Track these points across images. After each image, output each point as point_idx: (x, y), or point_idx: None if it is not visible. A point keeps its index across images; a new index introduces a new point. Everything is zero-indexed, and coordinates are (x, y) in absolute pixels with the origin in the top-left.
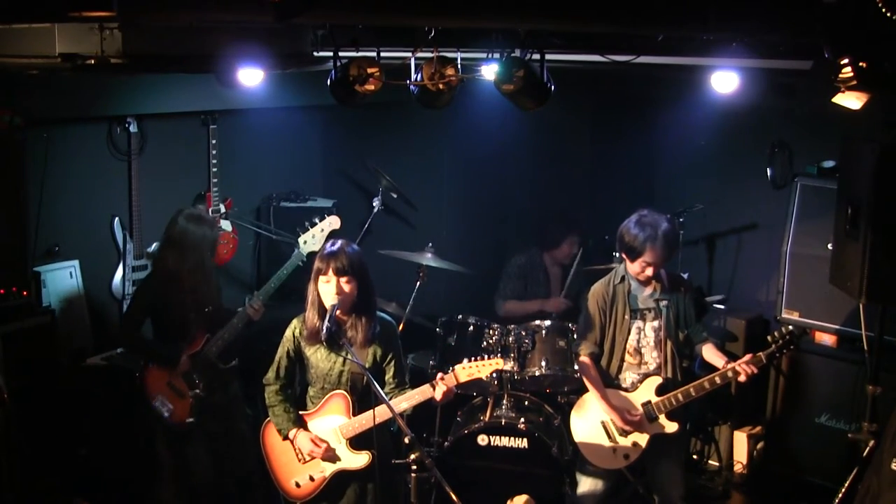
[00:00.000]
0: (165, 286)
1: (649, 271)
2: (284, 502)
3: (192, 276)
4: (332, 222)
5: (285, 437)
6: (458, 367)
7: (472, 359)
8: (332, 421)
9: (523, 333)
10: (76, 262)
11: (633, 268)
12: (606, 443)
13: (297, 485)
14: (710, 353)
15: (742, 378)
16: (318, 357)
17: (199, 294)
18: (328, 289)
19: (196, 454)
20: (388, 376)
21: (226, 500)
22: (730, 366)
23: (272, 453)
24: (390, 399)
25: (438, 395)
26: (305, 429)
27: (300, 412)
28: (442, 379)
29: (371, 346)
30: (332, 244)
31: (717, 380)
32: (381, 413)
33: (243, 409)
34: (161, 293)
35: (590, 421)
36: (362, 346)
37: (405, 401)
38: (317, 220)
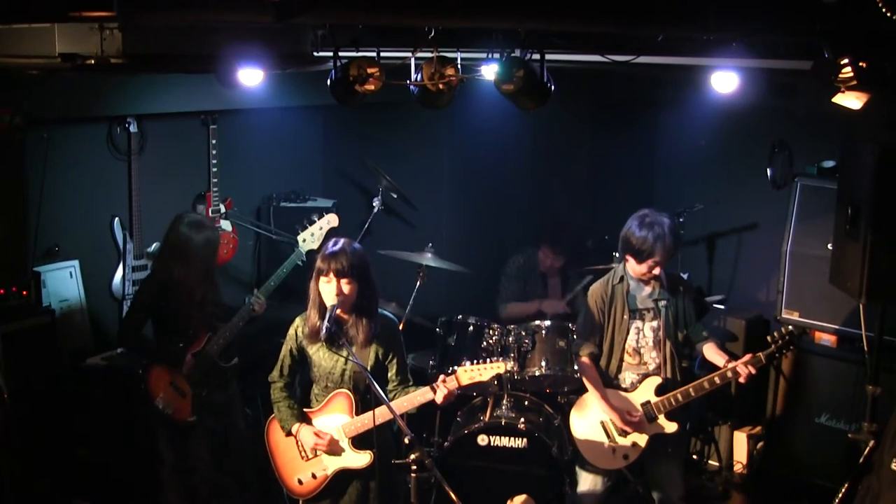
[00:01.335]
0: (167, 289)
1: (657, 271)
2: (288, 500)
3: (195, 280)
4: (331, 220)
5: (288, 433)
6: (459, 369)
7: (474, 361)
8: (334, 419)
9: (523, 333)
10: (76, 262)
11: (640, 269)
12: (606, 443)
13: (300, 482)
14: (710, 352)
15: (741, 379)
16: (320, 356)
17: (201, 296)
18: (329, 289)
19: (197, 452)
20: (391, 374)
21: (225, 497)
22: (730, 366)
23: (276, 450)
24: (393, 397)
25: (440, 399)
26: (309, 424)
27: (304, 409)
28: (444, 381)
29: (372, 345)
30: (335, 244)
31: (717, 380)
32: (381, 413)
33: (242, 407)
34: (162, 296)
35: (589, 421)
36: (363, 345)
37: (406, 402)
38: (315, 218)
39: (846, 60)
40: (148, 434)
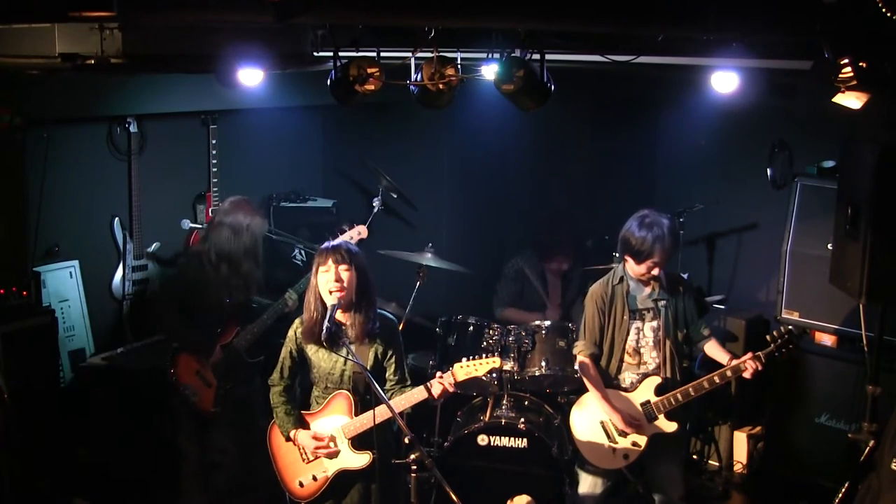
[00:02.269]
0: (214, 268)
1: (656, 271)
2: (290, 502)
3: (248, 257)
4: (361, 231)
5: (287, 438)
6: (456, 365)
7: (471, 358)
8: (334, 421)
9: (523, 333)
10: (76, 262)
11: (639, 269)
12: (606, 443)
13: (301, 484)
14: (713, 349)
15: (748, 374)
16: (319, 357)
17: (250, 274)
18: (327, 278)
19: (222, 445)
20: (389, 373)
21: (247, 493)
22: (734, 362)
23: (277, 453)
24: (390, 397)
25: (436, 392)
26: (307, 428)
27: (304, 412)
28: (440, 378)
29: (372, 343)
30: (330, 241)
31: (717, 379)
32: (381, 413)
33: (264, 405)
34: (202, 277)
35: (589, 421)
36: (363, 343)
37: (403, 401)
38: (346, 228)
39: (846, 60)
40: (166, 426)
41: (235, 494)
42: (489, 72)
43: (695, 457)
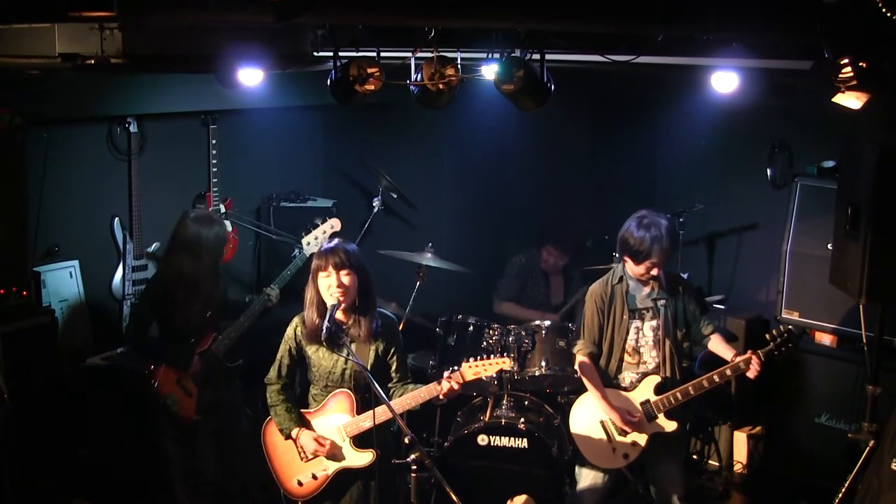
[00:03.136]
0: (176, 287)
1: (655, 272)
2: (286, 501)
3: (207, 277)
4: (334, 224)
5: (287, 437)
6: (464, 365)
7: (478, 358)
8: (335, 419)
9: (523, 333)
10: (76, 262)
11: (638, 270)
12: (606, 442)
13: (300, 483)
14: (717, 345)
15: (751, 374)
16: (319, 356)
17: (210, 293)
18: (328, 283)
19: (203, 452)
20: (392, 370)
21: (233, 496)
22: (738, 359)
23: (273, 452)
24: (395, 394)
25: (444, 389)
26: (308, 427)
27: (303, 410)
28: (448, 377)
29: (373, 342)
30: (329, 242)
31: (717, 378)
32: (381, 412)
33: (244, 407)
34: (171, 293)
35: (589, 420)
36: (364, 342)
37: (410, 399)
38: (318, 222)
39: (846, 60)
40: (150, 433)
41: (226, 497)
42: (489, 72)
43: (695, 457)
